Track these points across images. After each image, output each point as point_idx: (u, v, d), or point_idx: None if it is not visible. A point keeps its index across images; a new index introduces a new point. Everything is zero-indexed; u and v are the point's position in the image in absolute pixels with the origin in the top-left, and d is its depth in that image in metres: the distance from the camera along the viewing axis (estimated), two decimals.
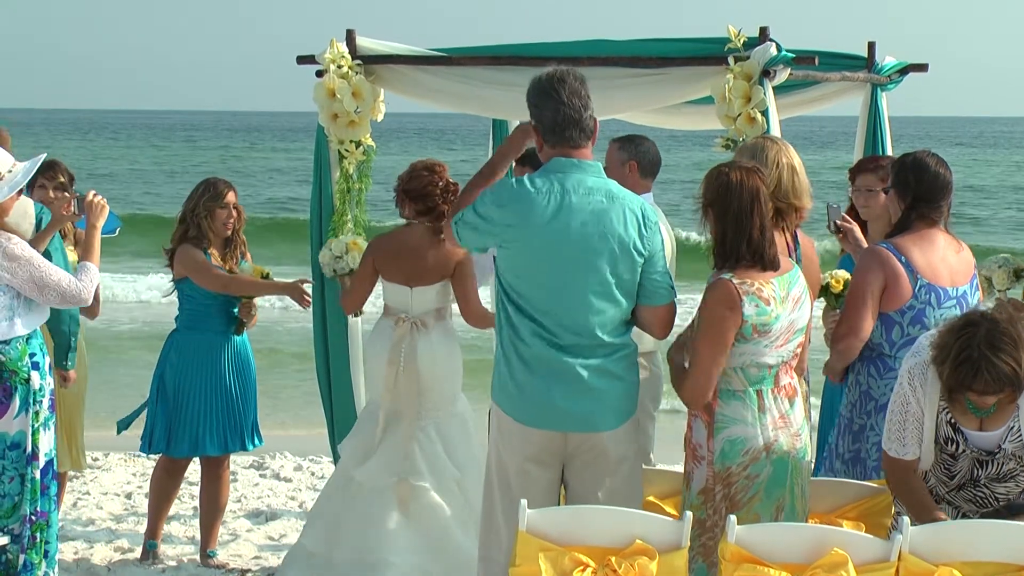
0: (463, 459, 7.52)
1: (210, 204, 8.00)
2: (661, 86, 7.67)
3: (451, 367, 7.55)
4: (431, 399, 7.52)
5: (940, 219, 6.44)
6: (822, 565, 4.99)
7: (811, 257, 6.13)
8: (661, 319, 5.77)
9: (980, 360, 5.10)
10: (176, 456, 8.09)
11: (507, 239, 5.66)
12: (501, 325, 5.73)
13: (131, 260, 26.72)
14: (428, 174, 7.41)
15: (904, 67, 8.67)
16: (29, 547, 6.70)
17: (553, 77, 5.68)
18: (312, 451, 11.17)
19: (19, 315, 6.64)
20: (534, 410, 5.65)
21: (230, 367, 8.04)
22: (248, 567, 8.23)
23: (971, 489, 5.43)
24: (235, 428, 8.06)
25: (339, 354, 8.14)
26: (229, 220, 8.04)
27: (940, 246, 6.40)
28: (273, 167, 57.92)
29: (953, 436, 5.35)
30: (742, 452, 5.52)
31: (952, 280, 6.38)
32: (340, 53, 7.89)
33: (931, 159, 6.45)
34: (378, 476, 7.46)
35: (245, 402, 8.10)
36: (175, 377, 8.01)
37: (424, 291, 7.46)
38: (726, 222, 5.55)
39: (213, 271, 7.94)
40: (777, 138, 6.29)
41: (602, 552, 5.08)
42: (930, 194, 6.40)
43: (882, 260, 6.34)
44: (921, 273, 6.32)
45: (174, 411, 8.00)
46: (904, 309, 6.34)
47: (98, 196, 7.07)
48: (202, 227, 7.99)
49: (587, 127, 5.70)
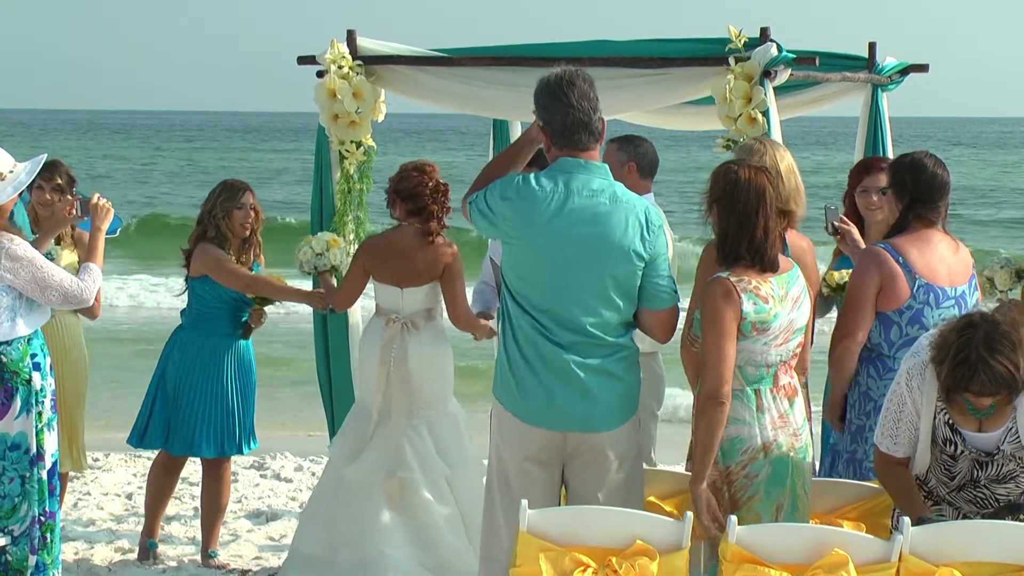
0: (455, 458, 7.54)
1: (227, 205, 8.00)
2: (661, 86, 7.68)
3: (441, 367, 7.58)
4: (422, 398, 7.55)
5: (938, 219, 6.44)
6: (823, 565, 4.99)
7: (805, 260, 6.11)
8: (663, 323, 5.77)
9: (977, 362, 5.10)
10: (173, 452, 8.10)
11: (510, 236, 5.68)
12: (504, 323, 5.74)
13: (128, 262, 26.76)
14: (417, 175, 7.43)
15: (905, 67, 8.67)
16: (40, 547, 6.70)
17: (562, 80, 5.67)
18: (312, 451, 11.17)
19: (21, 316, 6.64)
20: (534, 408, 5.65)
21: (232, 370, 8.04)
22: (249, 567, 8.23)
23: (971, 490, 5.43)
24: (232, 432, 8.05)
25: (339, 354, 8.14)
26: (247, 221, 8.03)
27: (938, 246, 6.40)
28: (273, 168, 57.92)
29: (951, 437, 5.35)
30: (740, 451, 5.51)
31: (950, 280, 6.38)
32: (341, 53, 7.90)
33: (929, 160, 6.45)
34: (368, 472, 7.49)
35: (244, 407, 8.09)
36: (176, 375, 8.02)
37: (414, 292, 7.49)
38: (730, 220, 5.55)
39: (237, 270, 7.93)
40: (770, 140, 6.29)
41: (603, 552, 5.09)
42: (927, 195, 6.40)
43: (879, 261, 6.34)
44: (919, 273, 6.32)
45: (173, 409, 8.01)
46: (902, 309, 6.34)
47: (103, 199, 7.08)
48: (220, 228, 7.97)
49: (595, 129, 5.70)
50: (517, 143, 6.01)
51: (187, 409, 7.99)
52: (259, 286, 7.95)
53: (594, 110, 5.68)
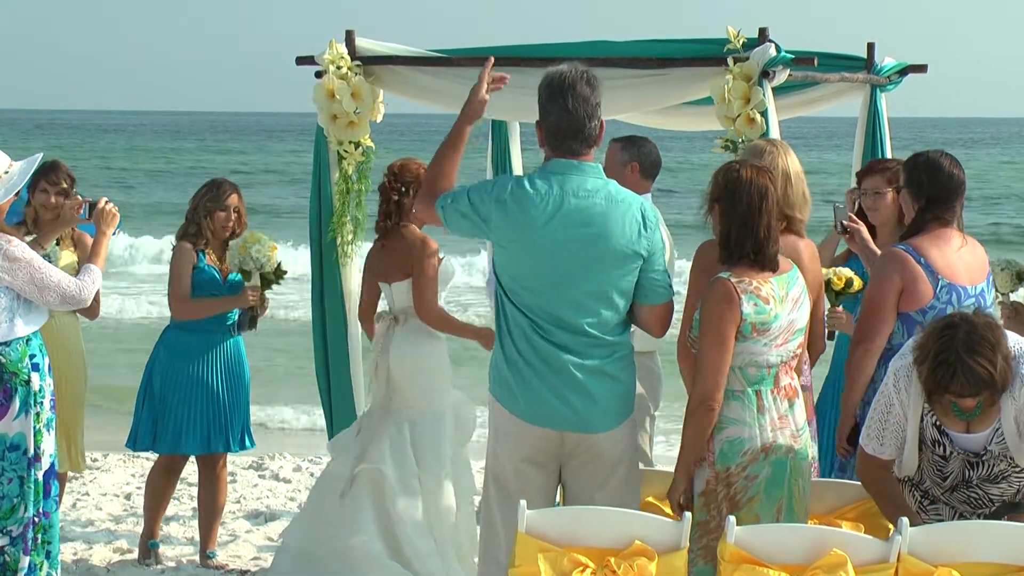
0: (428, 460, 7.49)
1: (210, 205, 8.02)
2: (661, 87, 7.67)
3: (424, 365, 7.55)
4: (402, 395, 7.54)
5: (953, 219, 6.40)
6: (821, 566, 4.99)
7: (807, 263, 6.10)
8: (658, 318, 5.77)
9: (956, 363, 5.12)
10: (159, 452, 8.09)
11: (504, 239, 5.66)
12: (500, 322, 5.74)
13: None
14: (389, 174, 7.54)
15: (903, 68, 8.66)
16: (32, 548, 6.70)
17: (565, 80, 5.63)
18: (311, 452, 11.17)
19: (19, 316, 6.64)
20: (530, 406, 5.65)
21: (219, 367, 8.04)
22: (247, 568, 8.23)
23: (964, 490, 5.43)
24: (219, 428, 8.05)
25: (338, 354, 8.14)
26: (228, 223, 8.05)
27: (956, 245, 6.36)
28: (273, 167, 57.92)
29: (939, 439, 5.36)
30: (740, 452, 5.52)
31: (970, 278, 6.29)
32: (339, 54, 7.89)
33: (945, 159, 6.41)
34: (348, 465, 7.52)
35: (234, 404, 8.09)
36: (162, 373, 8.03)
37: (399, 287, 7.53)
38: (732, 219, 5.55)
39: (177, 283, 7.93)
40: (780, 142, 6.28)
41: (601, 553, 5.08)
42: (944, 195, 6.36)
43: (901, 263, 6.29)
44: (941, 273, 6.27)
45: (160, 407, 8.01)
46: (925, 309, 6.29)
47: (110, 203, 7.09)
48: (201, 226, 8.00)
49: (589, 136, 5.66)
50: (453, 129, 5.86)
51: (172, 406, 7.99)
52: (187, 311, 7.95)
53: (590, 116, 5.63)
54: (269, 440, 12.04)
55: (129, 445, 8.19)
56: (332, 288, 7.99)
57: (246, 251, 7.82)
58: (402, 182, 7.48)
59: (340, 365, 8.14)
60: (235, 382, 8.10)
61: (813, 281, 6.21)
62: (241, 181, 14.60)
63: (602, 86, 5.73)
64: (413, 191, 7.36)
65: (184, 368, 8.00)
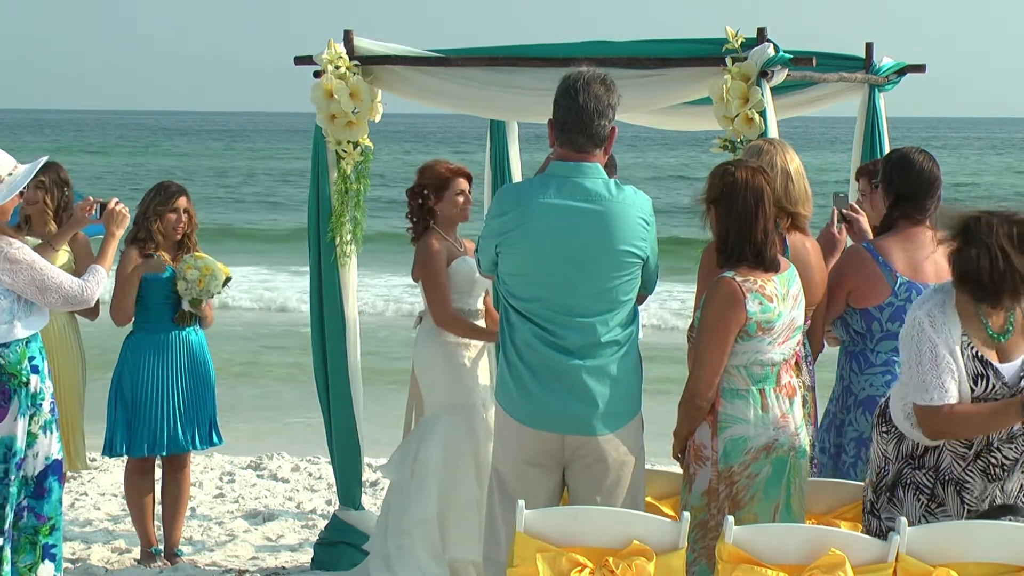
0: (409, 462, 7.53)
1: (160, 208, 8.05)
2: (659, 87, 7.66)
3: (428, 369, 7.59)
4: (425, 393, 7.62)
5: (925, 218, 6.37)
6: (820, 566, 4.99)
7: (807, 260, 6.10)
8: None
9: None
10: (135, 456, 8.09)
11: (506, 243, 5.67)
12: (502, 326, 5.75)
13: None
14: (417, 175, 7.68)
15: (902, 68, 8.66)
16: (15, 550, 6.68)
17: (581, 77, 5.66)
18: (310, 452, 11.17)
19: (19, 318, 6.63)
20: (532, 410, 5.65)
21: (183, 363, 8.05)
22: (245, 567, 8.23)
23: (986, 456, 5.36)
24: (190, 425, 8.05)
25: (337, 354, 8.13)
26: (179, 225, 8.08)
27: (926, 245, 6.33)
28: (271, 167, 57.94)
29: (983, 371, 5.27)
30: (744, 451, 5.52)
31: (938, 277, 6.22)
32: (338, 54, 7.88)
33: (918, 155, 6.38)
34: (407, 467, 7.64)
35: (202, 399, 8.10)
36: (131, 376, 8.02)
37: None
38: (729, 221, 5.55)
39: (122, 287, 7.92)
40: (778, 141, 6.28)
41: (600, 553, 5.09)
42: (913, 192, 6.33)
43: (857, 263, 6.31)
44: (902, 272, 6.27)
45: (133, 411, 8.00)
46: (883, 306, 6.31)
47: (120, 204, 7.10)
48: (151, 230, 8.01)
49: (596, 134, 5.65)
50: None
51: (145, 408, 7.99)
52: (116, 307, 7.93)
53: (600, 114, 5.63)
54: (268, 440, 12.04)
55: (105, 453, 8.16)
56: (331, 288, 7.98)
57: (203, 286, 7.94)
58: (422, 184, 7.55)
59: (338, 365, 8.13)
60: (200, 377, 8.11)
61: (820, 280, 6.22)
62: (241, 180, 14.58)
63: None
64: (431, 193, 7.51)
65: (150, 367, 7.99)
